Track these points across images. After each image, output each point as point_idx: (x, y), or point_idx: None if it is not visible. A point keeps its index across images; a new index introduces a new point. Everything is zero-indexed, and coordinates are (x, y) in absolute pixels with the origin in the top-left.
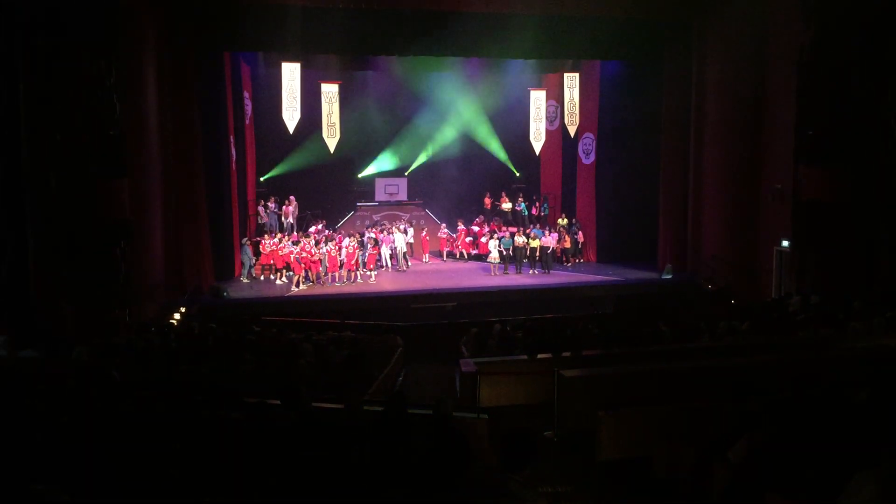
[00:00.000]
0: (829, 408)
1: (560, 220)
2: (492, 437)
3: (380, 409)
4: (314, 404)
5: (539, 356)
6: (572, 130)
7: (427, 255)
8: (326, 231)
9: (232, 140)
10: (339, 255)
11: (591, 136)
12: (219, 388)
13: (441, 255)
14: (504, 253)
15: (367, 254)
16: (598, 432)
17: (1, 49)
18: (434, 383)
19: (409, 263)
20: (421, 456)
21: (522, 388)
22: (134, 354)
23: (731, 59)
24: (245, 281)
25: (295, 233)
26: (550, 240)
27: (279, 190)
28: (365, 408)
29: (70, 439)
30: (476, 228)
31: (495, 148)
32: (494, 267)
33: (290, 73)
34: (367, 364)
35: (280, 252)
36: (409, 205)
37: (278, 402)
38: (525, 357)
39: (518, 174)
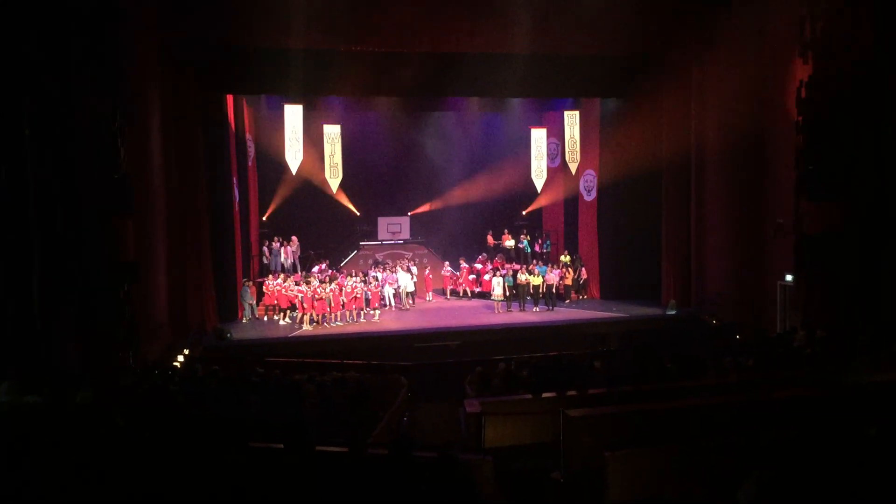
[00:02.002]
0: (839, 444)
1: (563, 257)
2: (498, 478)
3: (385, 452)
4: (318, 447)
5: (544, 395)
6: (573, 167)
7: (430, 293)
8: (329, 271)
9: (235, 182)
10: (342, 294)
11: (592, 172)
12: (223, 431)
13: (444, 294)
14: (508, 291)
15: (370, 293)
16: (604, 474)
17: (7, 92)
18: (439, 423)
19: (413, 302)
20: (427, 500)
21: (528, 428)
22: (138, 398)
23: (730, 95)
24: (246, 322)
25: (298, 273)
26: (554, 276)
27: (282, 230)
28: (370, 451)
29: (75, 485)
30: (479, 266)
31: (497, 186)
32: (498, 305)
33: (293, 115)
34: (372, 405)
35: (284, 292)
36: (412, 243)
37: (282, 445)
38: (530, 396)
39: (524, 213)
